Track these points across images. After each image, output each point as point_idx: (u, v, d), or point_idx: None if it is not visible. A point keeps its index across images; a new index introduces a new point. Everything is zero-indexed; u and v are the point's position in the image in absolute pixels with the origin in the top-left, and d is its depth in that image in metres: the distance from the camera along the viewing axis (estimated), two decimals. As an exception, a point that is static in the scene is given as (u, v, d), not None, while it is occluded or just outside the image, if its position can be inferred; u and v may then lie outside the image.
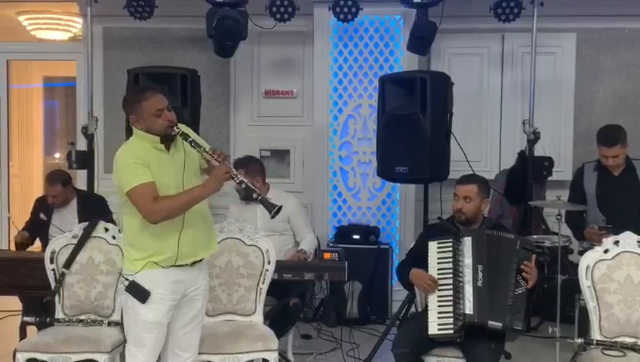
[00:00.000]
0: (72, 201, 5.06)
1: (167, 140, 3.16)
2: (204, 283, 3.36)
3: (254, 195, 3.13)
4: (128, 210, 3.14)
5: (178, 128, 3.13)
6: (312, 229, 5.07)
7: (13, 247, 5.15)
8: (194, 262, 3.25)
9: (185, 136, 3.12)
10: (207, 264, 3.87)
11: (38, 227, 5.08)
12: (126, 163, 3.10)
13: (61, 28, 7.34)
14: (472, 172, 4.44)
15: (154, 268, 3.13)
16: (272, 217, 3.16)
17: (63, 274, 3.88)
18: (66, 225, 4.69)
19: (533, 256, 3.63)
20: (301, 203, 5.17)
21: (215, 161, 3.09)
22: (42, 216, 5.08)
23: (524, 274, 3.54)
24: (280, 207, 3.13)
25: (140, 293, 3.11)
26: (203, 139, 3.29)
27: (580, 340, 3.52)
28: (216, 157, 3.09)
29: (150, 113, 3.10)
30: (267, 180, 5.03)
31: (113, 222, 4.50)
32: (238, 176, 3.10)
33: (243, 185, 3.09)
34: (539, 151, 5.46)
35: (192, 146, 3.12)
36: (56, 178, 4.99)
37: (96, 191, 5.61)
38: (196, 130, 5.35)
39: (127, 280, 3.15)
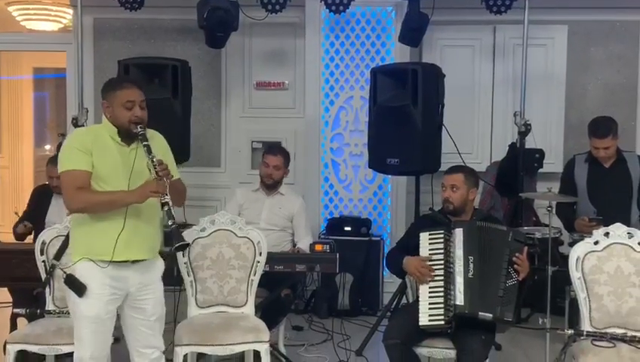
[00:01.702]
0: None
1: (127, 137, 3.13)
2: (151, 285, 3.26)
3: (169, 222, 3.03)
4: None
5: (142, 129, 3.09)
6: (311, 232, 5.02)
7: (12, 238, 5.10)
8: (135, 261, 3.17)
9: (143, 138, 3.08)
10: (197, 256, 3.87)
11: (35, 217, 5.02)
12: (68, 146, 3.12)
13: (51, 18, 7.28)
14: (462, 164, 4.45)
15: (90, 262, 3.10)
16: (172, 250, 3.12)
17: (53, 266, 3.85)
18: (64, 215, 4.63)
19: (525, 248, 3.64)
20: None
21: (155, 174, 3.03)
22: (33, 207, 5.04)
23: (515, 266, 3.56)
24: (186, 245, 3.13)
25: (77, 287, 3.08)
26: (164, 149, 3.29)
27: (570, 331, 3.52)
28: (158, 170, 3.02)
29: (120, 103, 3.10)
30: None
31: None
32: (165, 198, 3.01)
33: (165, 208, 3.02)
34: (530, 143, 5.46)
35: (145, 151, 3.06)
36: None
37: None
38: (187, 122, 5.35)
39: (65, 273, 3.13)
